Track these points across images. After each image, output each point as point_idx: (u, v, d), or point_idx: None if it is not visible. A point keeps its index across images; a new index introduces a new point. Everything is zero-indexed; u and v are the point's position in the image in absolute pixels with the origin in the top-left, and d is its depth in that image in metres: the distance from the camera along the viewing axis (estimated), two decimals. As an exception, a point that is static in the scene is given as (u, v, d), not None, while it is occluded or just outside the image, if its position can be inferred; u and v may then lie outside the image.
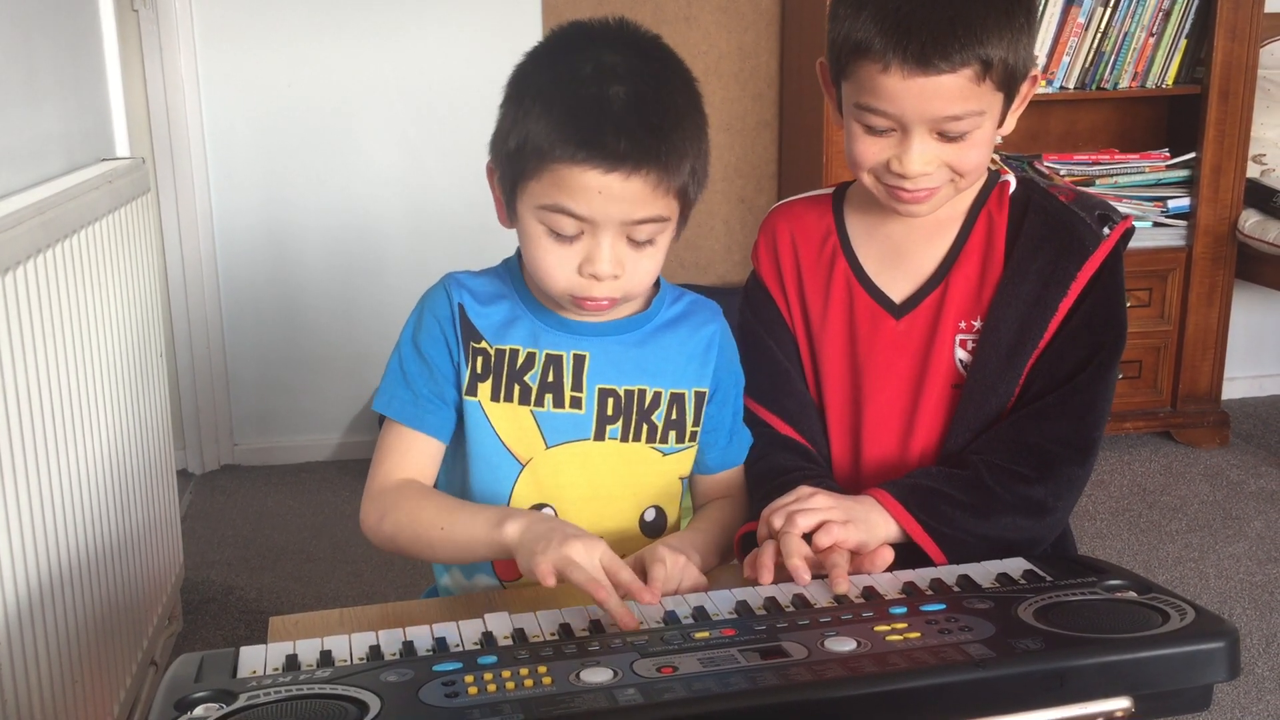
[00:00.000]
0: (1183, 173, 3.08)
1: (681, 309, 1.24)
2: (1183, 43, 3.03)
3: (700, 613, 0.94)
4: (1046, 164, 3.05)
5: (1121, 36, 3.02)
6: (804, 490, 1.13)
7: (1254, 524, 2.74)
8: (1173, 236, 3.07)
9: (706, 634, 0.88)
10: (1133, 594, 0.93)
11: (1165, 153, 3.10)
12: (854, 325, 1.27)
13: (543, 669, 0.82)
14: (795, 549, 1.04)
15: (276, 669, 0.85)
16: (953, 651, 0.83)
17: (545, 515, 1.07)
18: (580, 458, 1.19)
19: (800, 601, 0.97)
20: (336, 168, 3.07)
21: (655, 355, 1.21)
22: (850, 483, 1.26)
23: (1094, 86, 3.05)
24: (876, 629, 0.87)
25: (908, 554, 1.12)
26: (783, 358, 1.29)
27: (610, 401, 1.19)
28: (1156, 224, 3.06)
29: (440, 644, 0.89)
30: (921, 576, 1.01)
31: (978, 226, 1.25)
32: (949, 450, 1.22)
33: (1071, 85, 3.04)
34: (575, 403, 1.18)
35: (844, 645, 0.84)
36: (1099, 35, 3.01)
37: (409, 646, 0.89)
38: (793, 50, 3.16)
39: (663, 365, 1.21)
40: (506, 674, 0.81)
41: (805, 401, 1.29)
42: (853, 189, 1.32)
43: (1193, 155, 3.04)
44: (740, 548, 1.19)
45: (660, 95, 1.08)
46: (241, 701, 0.79)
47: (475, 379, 1.18)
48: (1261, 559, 2.56)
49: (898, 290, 1.26)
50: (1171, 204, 3.06)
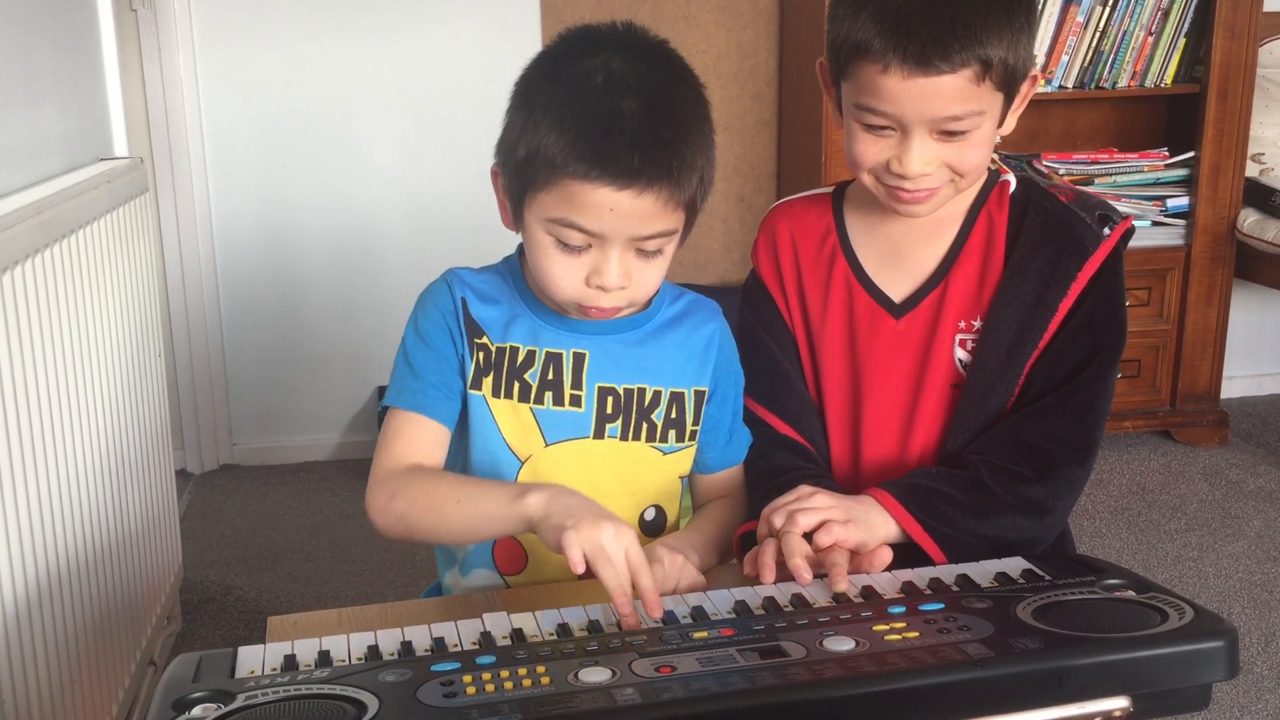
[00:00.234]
0: (1181, 172, 3.08)
1: (681, 308, 1.24)
2: (1181, 42, 3.03)
3: (699, 612, 0.94)
4: (1045, 163, 3.05)
5: (1120, 35, 3.01)
6: (804, 489, 1.13)
7: (1253, 523, 2.74)
8: (1172, 236, 3.08)
9: (705, 634, 0.88)
10: (1131, 593, 0.93)
11: (1164, 152, 3.10)
12: (853, 325, 1.27)
13: (541, 669, 0.82)
14: (796, 549, 1.04)
15: (274, 669, 0.85)
16: (951, 651, 0.83)
17: (568, 488, 1.05)
18: (580, 456, 1.19)
19: (799, 601, 0.97)
20: (335, 167, 3.07)
21: (655, 354, 1.21)
22: (850, 482, 1.26)
23: (1093, 86, 3.05)
24: (875, 628, 0.87)
25: (907, 554, 1.12)
26: (782, 357, 1.29)
27: (610, 400, 1.19)
28: (1155, 223, 3.06)
29: (438, 644, 0.89)
30: (920, 576, 1.01)
31: (978, 226, 1.25)
32: (948, 450, 1.22)
33: (1070, 84, 3.04)
34: (575, 401, 1.18)
35: (843, 645, 0.84)
36: (1098, 34, 3.01)
37: (407, 646, 0.89)
38: (792, 49, 3.16)
39: (662, 364, 1.21)
40: (505, 674, 0.81)
41: (805, 401, 1.29)
42: (852, 188, 1.32)
43: (1191, 154, 3.04)
44: (740, 547, 1.19)
45: (672, 108, 1.08)
46: (239, 702, 0.79)
47: (479, 373, 1.18)
48: (1260, 558, 2.56)
49: (897, 290, 1.26)
50: (1170, 203, 3.06)
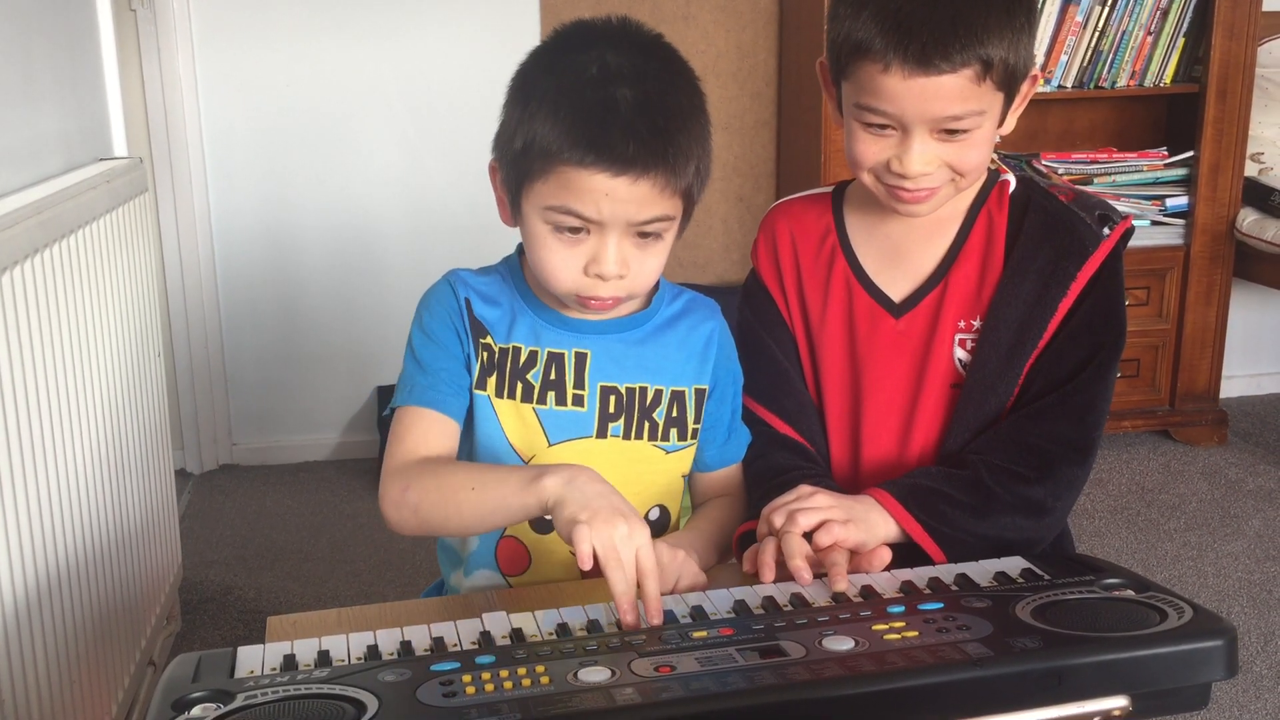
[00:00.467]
0: (1181, 171, 3.08)
1: (680, 307, 1.24)
2: (1180, 41, 3.03)
3: (698, 612, 0.94)
4: (1045, 163, 3.05)
5: (1119, 35, 3.01)
6: (804, 489, 1.13)
7: (1252, 522, 2.74)
8: (1171, 235, 3.08)
9: (704, 633, 0.88)
10: (1130, 592, 0.93)
11: (1163, 151, 3.10)
12: (853, 324, 1.27)
13: (540, 669, 0.82)
14: (797, 549, 1.04)
15: (274, 669, 0.85)
16: (950, 650, 0.83)
17: (591, 473, 1.02)
18: (582, 455, 1.19)
19: (798, 601, 0.97)
20: (335, 167, 3.07)
21: (656, 353, 1.21)
22: (849, 482, 1.26)
23: (1092, 85, 3.05)
24: (874, 628, 0.87)
25: (907, 553, 1.12)
26: (782, 357, 1.29)
27: (612, 399, 1.19)
28: (1154, 222, 3.06)
29: (438, 644, 0.89)
30: (919, 575, 1.01)
31: (977, 226, 1.25)
32: (948, 450, 1.22)
33: (1069, 84, 3.04)
34: (578, 400, 1.18)
35: (842, 644, 0.84)
36: (1097, 34, 3.01)
37: (407, 646, 0.89)
38: (791, 49, 3.16)
39: (663, 363, 1.21)
40: (504, 674, 0.81)
41: (804, 401, 1.29)
42: (852, 188, 1.32)
43: (1191, 154, 3.04)
44: (739, 546, 1.19)
45: (666, 97, 1.09)
46: (239, 701, 0.79)
47: (483, 373, 1.18)
48: (1259, 557, 2.56)
49: (897, 289, 1.26)
50: (1169, 202, 3.06)
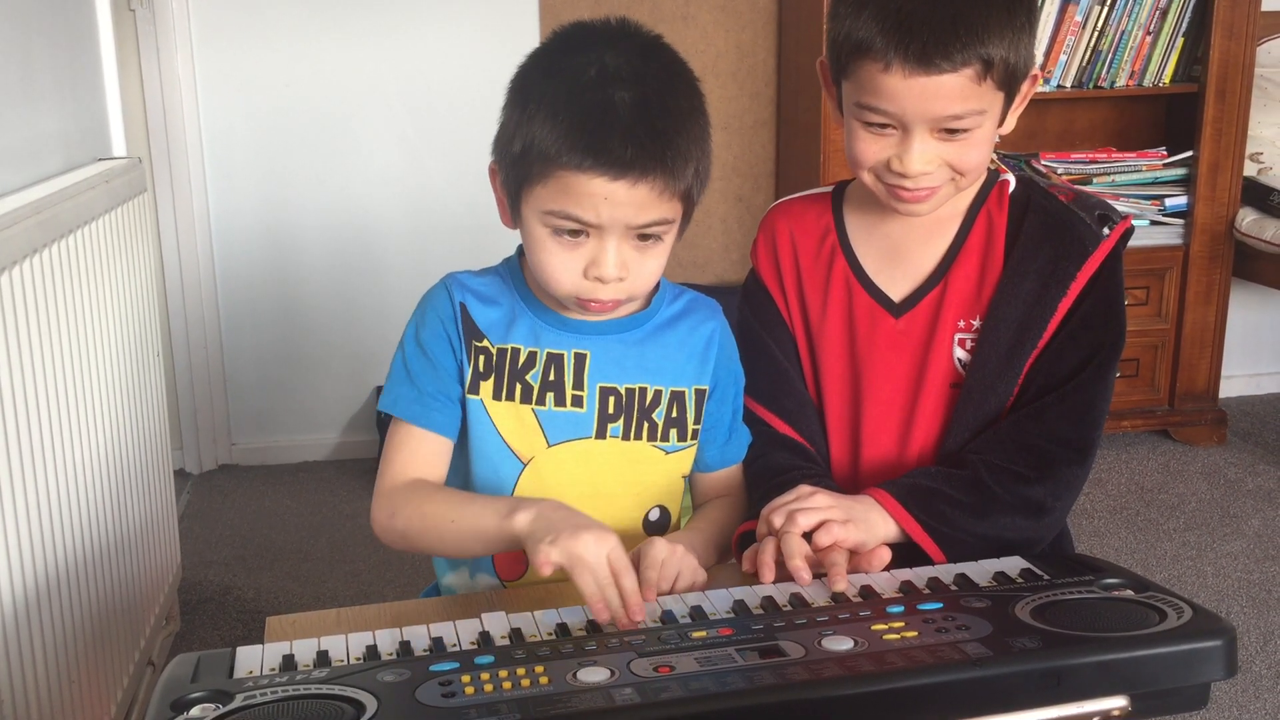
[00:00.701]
0: (1180, 171, 3.08)
1: (681, 307, 1.24)
2: (1180, 41, 3.03)
3: (698, 612, 0.95)
4: (1044, 162, 3.05)
5: (1118, 35, 3.02)
6: (804, 489, 1.13)
7: (1251, 522, 2.74)
8: (1170, 235, 3.08)
9: (704, 633, 0.88)
10: (1130, 592, 0.93)
11: (1162, 151, 3.10)
12: (853, 324, 1.27)
13: (540, 669, 0.82)
14: (796, 549, 1.04)
15: (273, 669, 0.85)
16: (950, 650, 0.83)
17: (557, 503, 1.06)
18: (582, 456, 1.19)
19: (798, 601, 0.97)
20: (334, 167, 3.07)
21: (656, 353, 1.21)
22: (849, 482, 1.26)
23: (1091, 85, 3.05)
24: (874, 628, 0.87)
25: (907, 553, 1.12)
26: (781, 357, 1.29)
27: (611, 400, 1.19)
28: (1154, 222, 3.06)
29: (437, 644, 0.89)
30: (919, 575, 1.01)
31: (977, 226, 1.25)
32: (948, 450, 1.22)
33: (1069, 84, 3.04)
34: (577, 401, 1.18)
35: (841, 644, 0.84)
36: (1096, 34, 3.01)
37: (406, 646, 0.89)
38: (790, 49, 3.16)
39: (663, 363, 1.21)
40: (503, 674, 0.81)
41: (804, 401, 1.29)
42: (852, 188, 1.32)
43: (1190, 154, 3.04)
44: (739, 546, 1.19)
45: (665, 99, 1.09)
46: (238, 702, 0.79)
47: (477, 377, 1.18)
48: (1259, 557, 2.56)
49: (897, 289, 1.26)
50: (1169, 202, 3.06)
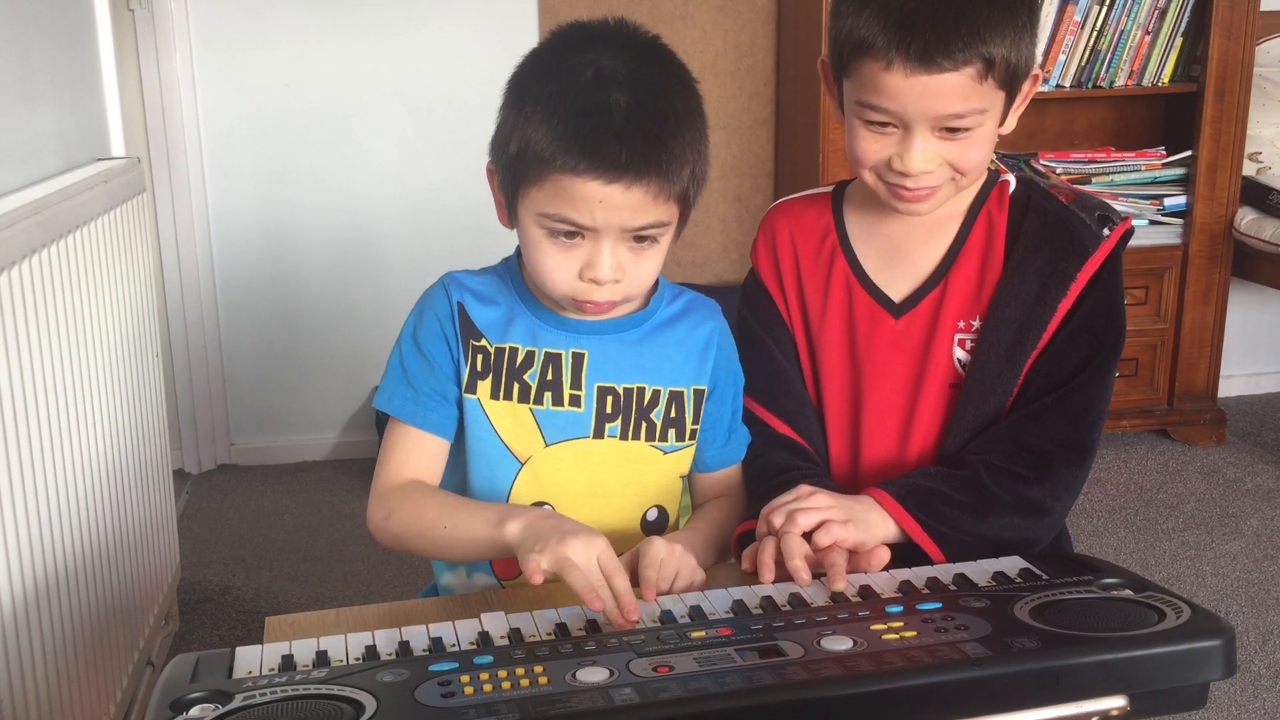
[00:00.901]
0: (1179, 171, 3.08)
1: (680, 307, 1.24)
2: (1179, 41, 3.03)
3: (697, 612, 0.95)
4: (1043, 162, 3.05)
5: (1118, 35, 3.02)
6: (804, 489, 1.13)
7: (1250, 522, 2.74)
8: (1169, 234, 3.08)
9: (703, 633, 0.88)
10: (1129, 592, 0.94)
11: (1161, 151, 3.10)
12: (853, 324, 1.27)
13: (539, 669, 0.82)
14: (796, 549, 1.04)
15: (272, 669, 0.85)
16: (949, 650, 0.83)
17: (546, 512, 1.07)
18: (579, 456, 1.19)
19: (797, 601, 0.97)
20: (334, 167, 3.07)
21: (654, 353, 1.21)
22: (849, 482, 1.26)
23: (1090, 85, 3.05)
24: (873, 628, 0.87)
25: (907, 553, 1.12)
26: (780, 357, 1.29)
27: (609, 399, 1.19)
28: (1153, 222, 3.06)
29: (436, 644, 0.89)
30: (918, 575, 1.01)
31: (977, 226, 1.25)
32: (947, 450, 1.22)
33: (1068, 84, 3.05)
34: (574, 401, 1.18)
35: (840, 644, 0.84)
36: (1095, 33, 3.01)
37: (405, 646, 0.89)
38: (789, 49, 3.16)
39: (661, 363, 1.21)
40: (503, 674, 0.81)
41: (803, 401, 1.29)
42: (852, 187, 1.31)
43: (1189, 153, 3.04)
44: (738, 546, 1.19)
45: (661, 102, 1.08)
46: (237, 702, 0.79)
47: (475, 377, 1.18)
48: (1258, 556, 2.56)
49: (897, 289, 1.26)
50: (1168, 202, 3.06)
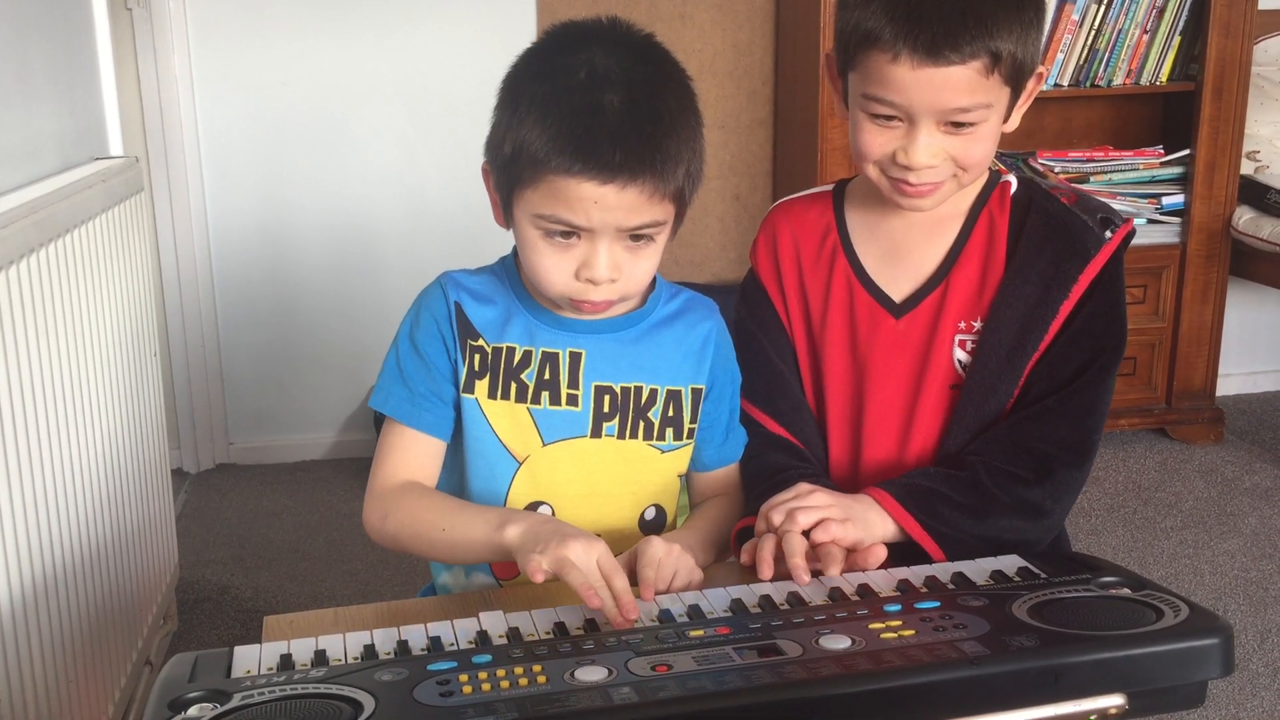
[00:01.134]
0: (1177, 169, 3.08)
1: (678, 306, 1.24)
2: (1176, 40, 3.03)
3: (695, 611, 0.95)
4: (1041, 161, 3.05)
5: (1115, 34, 3.02)
6: (804, 487, 1.13)
7: (1248, 520, 2.74)
8: (1167, 233, 3.08)
9: (701, 632, 0.88)
10: (1127, 591, 0.94)
11: (1159, 149, 3.10)
12: (854, 324, 1.27)
13: (537, 668, 0.82)
14: (797, 547, 1.04)
15: (270, 669, 0.85)
16: (947, 649, 0.83)
17: (546, 517, 1.08)
18: (577, 455, 1.19)
19: (795, 600, 0.97)
20: (332, 167, 3.07)
21: (651, 352, 1.21)
22: (849, 482, 1.26)
23: (1088, 83, 3.05)
24: (871, 627, 0.87)
25: (907, 552, 1.12)
26: (777, 359, 1.29)
27: (607, 399, 1.19)
28: (1151, 221, 3.06)
29: (435, 643, 0.89)
30: (916, 574, 1.01)
31: (979, 226, 1.24)
32: (947, 451, 1.22)
33: (1066, 82, 3.04)
34: (571, 400, 1.18)
35: (839, 643, 0.84)
36: (1093, 32, 3.01)
37: (404, 646, 0.89)
38: (787, 48, 3.16)
39: (659, 362, 1.21)
40: (501, 673, 0.81)
41: (799, 404, 1.29)
42: (853, 185, 1.31)
43: (1187, 152, 3.04)
44: (737, 542, 1.19)
45: (654, 101, 1.08)
46: (235, 701, 0.79)
47: (472, 376, 1.18)
48: (1256, 555, 2.56)
49: (898, 289, 1.26)
50: (1165, 201, 3.06)
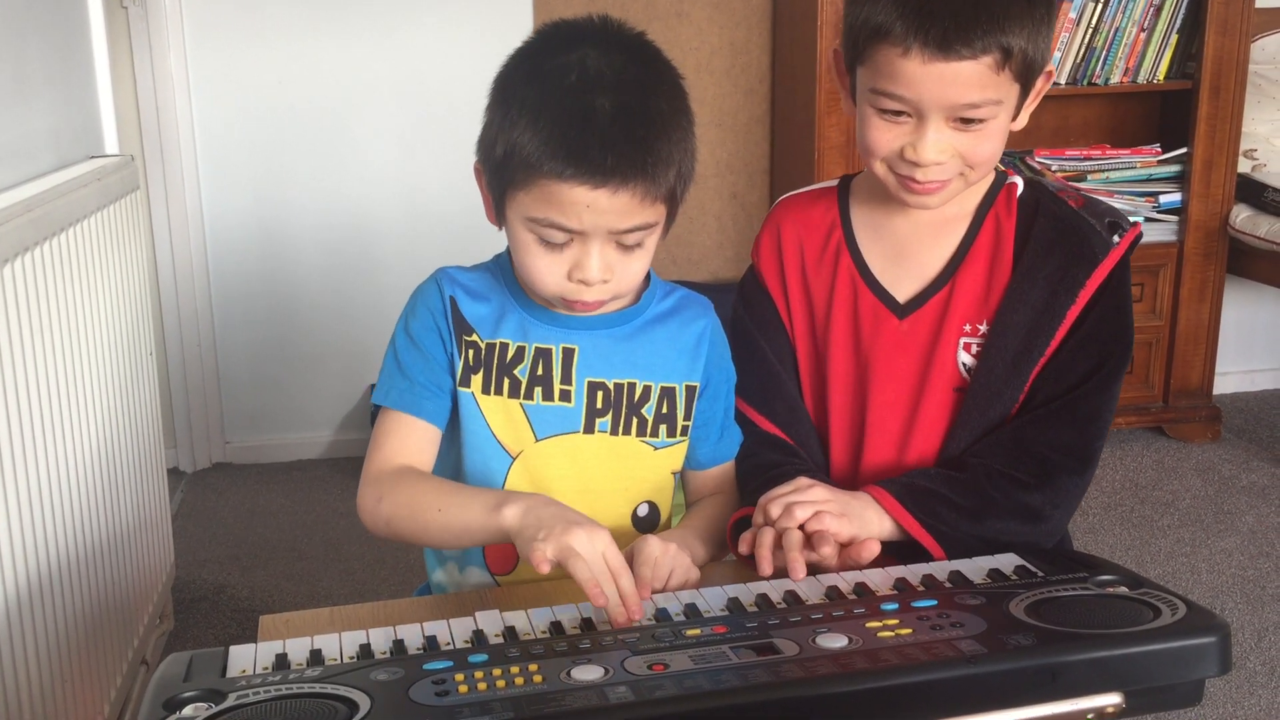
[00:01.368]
0: (1174, 168, 3.08)
1: (672, 304, 1.24)
2: (1174, 38, 3.03)
3: (692, 610, 0.94)
4: (1038, 159, 3.05)
5: (1113, 32, 3.02)
6: (802, 481, 1.13)
7: (1245, 518, 2.74)
8: (1164, 232, 3.08)
9: (698, 631, 0.88)
10: (1124, 589, 0.94)
11: (1157, 148, 3.10)
12: (858, 324, 1.26)
13: (533, 667, 0.82)
14: (795, 542, 1.04)
15: (266, 668, 0.85)
16: (944, 648, 0.83)
17: (544, 497, 1.06)
18: (570, 451, 1.19)
19: (792, 598, 0.97)
20: (328, 165, 3.06)
21: (645, 349, 1.21)
22: (850, 484, 1.25)
23: (1086, 82, 3.05)
24: (868, 625, 0.87)
25: (906, 551, 1.11)
26: (774, 360, 1.28)
27: (599, 395, 1.19)
28: (1148, 219, 3.06)
29: (431, 642, 0.89)
30: (913, 572, 1.01)
31: (985, 227, 1.23)
32: (949, 454, 1.21)
33: (1063, 81, 3.04)
34: (564, 396, 1.18)
35: (835, 642, 0.84)
36: (1090, 31, 3.01)
37: (399, 645, 0.89)
38: (785, 46, 3.16)
39: (653, 359, 1.21)
40: (497, 672, 0.81)
41: (795, 405, 1.28)
42: (857, 181, 1.30)
43: (1184, 150, 3.04)
44: (733, 532, 1.19)
45: (646, 103, 1.08)
46: (230, 701, 0.79)
47: (468, 371, 1.18)
48: (1253, 553, 2.56)
49: (902, 290, 1.25)
50: (1163, 199, 3.07)
